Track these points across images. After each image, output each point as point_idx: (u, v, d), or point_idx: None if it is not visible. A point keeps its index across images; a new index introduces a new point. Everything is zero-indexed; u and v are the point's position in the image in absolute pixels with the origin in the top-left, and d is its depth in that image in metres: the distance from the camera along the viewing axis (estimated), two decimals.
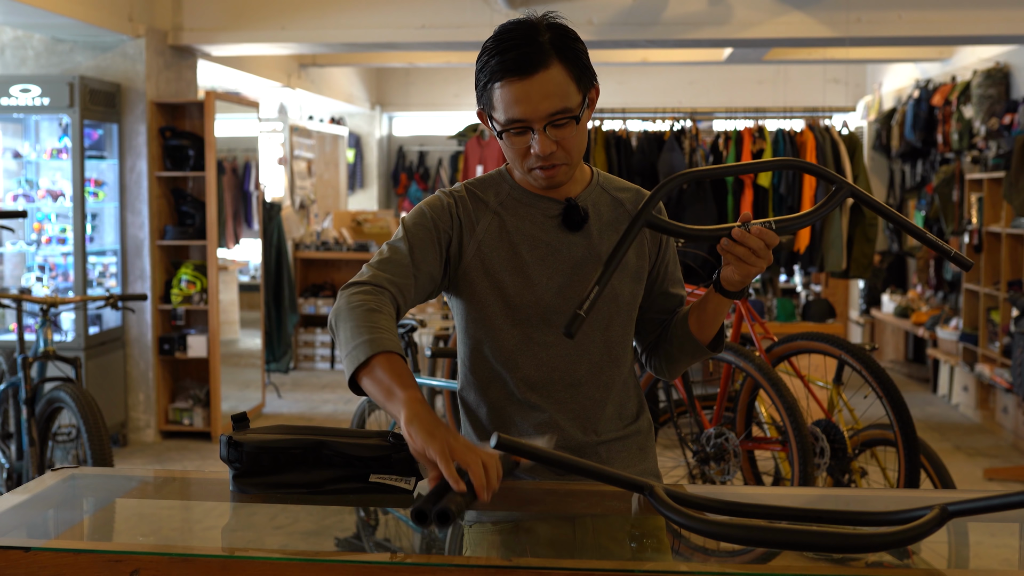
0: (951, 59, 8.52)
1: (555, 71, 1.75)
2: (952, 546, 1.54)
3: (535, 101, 1.74)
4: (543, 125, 1.76)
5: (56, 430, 4.53)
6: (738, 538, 1.38)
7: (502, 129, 1.78)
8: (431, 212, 1.88)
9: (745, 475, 4.01)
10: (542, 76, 1.74)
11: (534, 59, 1.73)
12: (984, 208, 7.14)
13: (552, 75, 1.74)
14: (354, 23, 6.67)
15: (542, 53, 1.74)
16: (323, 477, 1.69)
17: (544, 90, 1.74)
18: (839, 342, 3.72)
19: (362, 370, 1.65)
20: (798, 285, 8.54)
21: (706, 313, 1.89)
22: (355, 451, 1.68)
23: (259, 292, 7.83)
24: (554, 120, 1.76)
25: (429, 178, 12.31)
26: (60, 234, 6.28)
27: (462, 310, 1.93)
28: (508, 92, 1.74)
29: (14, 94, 6.11)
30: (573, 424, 1.90)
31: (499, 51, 1.75)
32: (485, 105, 1.82)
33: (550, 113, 1.75)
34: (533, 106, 1.74)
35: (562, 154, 1.80)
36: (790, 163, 1.79)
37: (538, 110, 1.74)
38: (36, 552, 1.38)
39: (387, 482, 1.68)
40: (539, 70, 1.73)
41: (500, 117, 1.78)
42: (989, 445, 6.59)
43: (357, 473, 1.69)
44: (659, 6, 6.42)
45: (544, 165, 1.80)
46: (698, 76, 11.16)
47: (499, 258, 1.88)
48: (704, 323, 1.90)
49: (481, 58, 1.79)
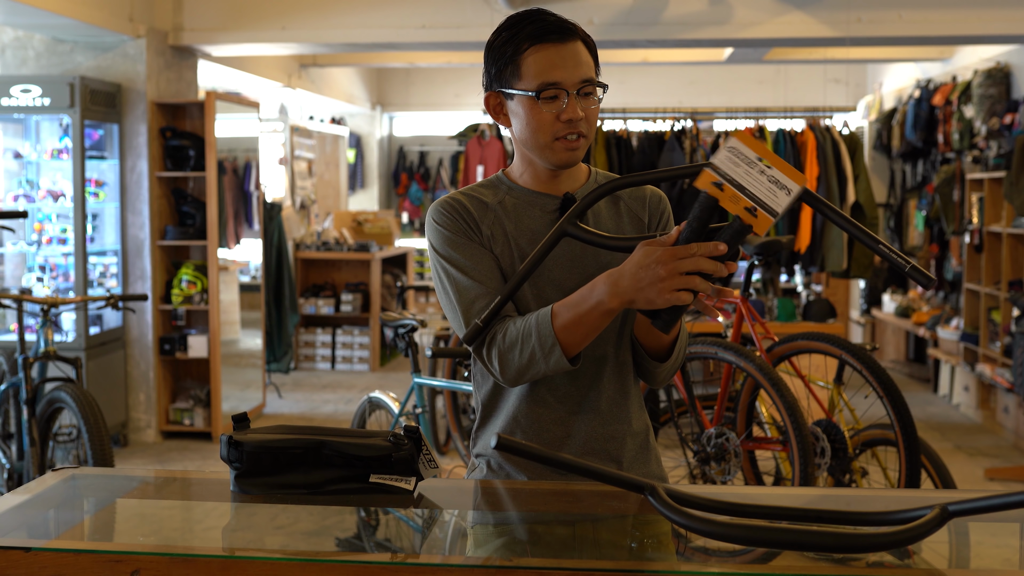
0: (952, 59, 8.52)
1: (582, 46, 1.86)
2: (953, 546, 1.54)
3: (571, 66, 1.82)
4: (576, 89, 1.82)
5: (57, 430, 4.53)
6: (739, 538, 1.38)
7: (536, 92, 1.82)
8: (451, 223, 1.88)
9: (746, 475, 4.01)
10: (574, 45, 1.84)
11: (566, 30, 1.83)
12: (985, 208, 7.14)
13: (581, 47, 1.85)
14: (354, 23, 6.67)
15: (571, 28, 1.84)
16: (324, 477, 1.69)
17: (577, 57, 1.83)
18: (840, 342, 3.72)
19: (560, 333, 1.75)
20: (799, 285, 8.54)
21: (640, 324, 1.90)
22: (356, 451, 1.68)
23: (260, 292, 7.83)
24: (584, 87, 1.83)
25: (430, 178, 12.31)
26: (61, 234, 6.29)
27: None
28: (544, 56, 1.82)
29: (15, 94, 6.11)
30: (578, 418, 1.91)
31: (530, 21, 1.84)
32: (506, 81, 1.85)
33: (583, 79, 1.83)
34: (570, 71, 1.82)
35: (585, 125, 1.85)
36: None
37: (574, 74, 1.82)
38: (37, 552, 1.38)
39: (387, 482, 1.68)
40: (570, 39, 1.83)
41: (531, 84, 1.82)
42: (990, 445, 6.59)
43: (358, 473, 1.69)
44: (659, 6, 6.42)
45: (571, 133, 1.84)
46: (698, 76, 11.16)
47: (502, 256, 1.89)
48: (642, 329, 1.90)
49: (499, 39, 1.86)
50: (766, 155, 1.55)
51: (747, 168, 1.55)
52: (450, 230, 1.88)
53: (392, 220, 10.50)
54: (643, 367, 1.95)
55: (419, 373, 4.05)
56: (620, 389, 1.94)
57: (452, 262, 1.86)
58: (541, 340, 1.76)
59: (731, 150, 1.56)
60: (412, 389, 4.07)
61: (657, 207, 1.98)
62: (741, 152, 1.56)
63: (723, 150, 1.57)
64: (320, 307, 9.27)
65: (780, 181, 1.55)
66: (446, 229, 1.88)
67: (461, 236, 1.87)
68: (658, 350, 1.90)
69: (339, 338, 9.24)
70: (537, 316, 1.77)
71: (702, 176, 1.57)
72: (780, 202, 1.54)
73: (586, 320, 1.73)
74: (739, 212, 1.56)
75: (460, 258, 1.86)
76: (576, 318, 1.74)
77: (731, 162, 1.56)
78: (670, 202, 2.03)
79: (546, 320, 1.76)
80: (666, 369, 1.93)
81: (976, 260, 7.45)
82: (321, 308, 9.28)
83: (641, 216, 1.96)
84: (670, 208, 2.00)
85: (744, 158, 1.56)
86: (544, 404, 1.91)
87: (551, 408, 1.91)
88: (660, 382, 1.98)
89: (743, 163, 1.55)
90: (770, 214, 1.55)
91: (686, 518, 1.40)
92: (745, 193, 1.55)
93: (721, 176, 1.56)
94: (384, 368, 9.43)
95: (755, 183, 1.55)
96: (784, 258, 7.03)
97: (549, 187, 1.93)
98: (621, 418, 1.94)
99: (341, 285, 9.52)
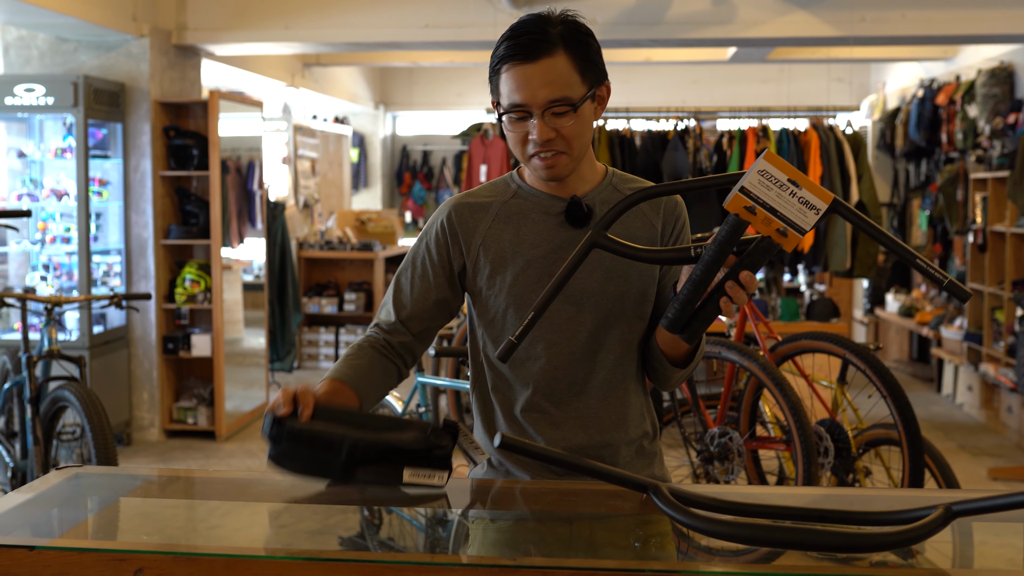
0: (955, 58, 8.51)
1: (559, 60, 1.78)
2: (956, 546, 1.53)
3: (535, 87, 1.77)
4: (542, 111, 1.78)
5: (60, 429, 4.53)
6: (742, 538, 1.38)
7: (503, 113, 1.82)
8: (427, 242, 1.96)
9: (749, 475, 4.01)
10: (545, 63, 1.78)
11: (539, 46, 1.77)
12: (988, 207, 7.13)
13: (555, 63, 1.78)
14: (358, 22, 6.67)
15: (548, 41, 1.78)
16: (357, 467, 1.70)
17: (545, 77, 1.77)
18: (843, 341, 3.72)
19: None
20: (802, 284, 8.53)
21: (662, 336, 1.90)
22: (393, 445, 1.69)
23: (263, 291, 7.83)
24: (552, 108, 1.78)
25: (433, 177, 12.31)
26: (64, 233, 6.29)
27: (470, 309, 1.96)
28: (511, 77, 1.79)
29: (18, 93, 6.12)
30: (577, 423, 1.90)
31: (509, 38, 1.81)
32: (493, 91, 1.86)
33: (549, 100, 1.78)
34: (532, 91, 1.78)
35: (561, 142, 1.81)
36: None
37: (537, 96, 1.78)
38: (41, 551, 1.38)
39: (419, 481, 1.69)
40: (542, 57, 1.77)
41: (504, 102, 1.82)
42: (993, 445, 6.58)
43: (394, 466, 1.70)
44: (663, 5, 6.42)
45: (543, 152, 1.81)
46: (702, 75, 11.15)
47: (501, 258, 1.89)
48: (665, 340, 1.90)
49: (496, 45, 1.85)
50: (794, 175, 1.57)
51: (779, 191, 1.57)
52: (433, 240, 1.94)
53: (395, 219, 10.50)
54: (659, 372, 1.94)
55: (422, 372, 4.05)
56: (622, 398, 1.93)
57: (412, 262, 1.97)
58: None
59: (763, 173, 1.57)
60: (415, 388, 4.08)
61: (672, 213, 1.95)
62: (772, 175, 1.57)
63: (754, 173, 1.57)
64: (323, 306, 9.28)
65: (810, 202, 1.57)
66: (432, 237, 1.95)
67: (433, 253, 1.94)
68: (678, 357, 1.89)
69: (342, 337, 9.25)
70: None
71: (734, 200, 1.58)
72: (809, 221, 1.57)
73: None
74: (771, 234, 1.58)
75: (417, 267, 1.96)
76: None
77: (763, 185, 1.57)
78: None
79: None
80: (682, 374, 1.93)
81: (980, 260, 7.44)
82: (324, 307, 9.28)
83: (654, 222, 1.93)
84: (686, 214, 1.97)
85: (775, 180, 1.57)
86: (538, 409, 1.91)
87: (545, 413, 1.91)
88: (672, 385, 1.98)
89: (775, 186, 1.57)
90: (799, 232, 1.58)
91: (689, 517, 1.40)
92: (777, 215, 1.57)
93: (753, 200, 1.57)
94: None
95: (786, 204, 1.57)
96: (788, 258, 7.03)
97: (557, 189, 1.91)
98: (617, 426, 1.93)
99: (344, 284, 9.52)
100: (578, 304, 1.89)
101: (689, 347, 1.87)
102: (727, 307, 1.65)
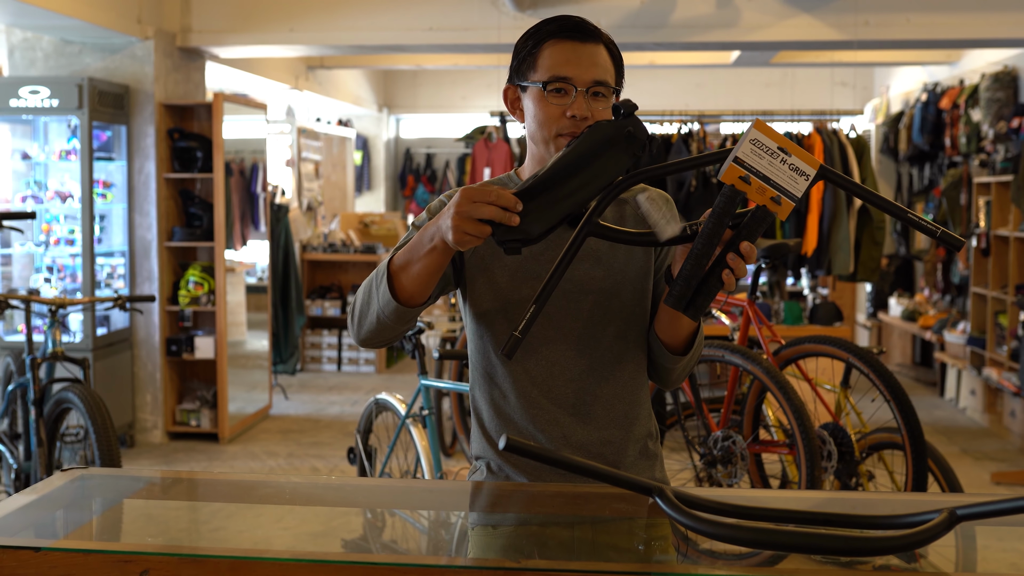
0: (959, 62, 8.51)
1: (603, 51, 1.87)
2: (960, 550, 1.53)
3: (585, 65, 1.83)
4: (586, 88, 1.83)
5: (64, 431, 4.54)
6: (745, 541, 1.38)
7: (544, 83, 1.83)
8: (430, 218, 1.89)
9: (752, 478, 4.00)
10: (594, 47, 1.86)
11: (588, 31, 1.86)
12: (992, 211, 7.13)
13: (601, 51, 1.87)
14: (362, 25, 6.68)
15: (595, 33, 1.87)
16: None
17: (594, 59, 1.85)
18: (846, 345, 3.72)
19: (394, 276, 1.75)
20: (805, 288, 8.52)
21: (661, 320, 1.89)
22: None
23: (266, 294, 7.84)
24: (595, 88, 1.84)
25: (436, 180, 12.31)
26: (68, 235, 6.30)
27: (467, 309, 1.95)
28: (560, 51, 1.84)
29: (23, 95, 6.13)
30: (573, 419, 1.90)
31: (556, 20, 1.87)
32: (523, 73, 1.88)
33: (595, 79, 1.83)
34: (583, 68, 1.83)
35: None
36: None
37: (586, 73, 1.83)
38: (46, 552, 1.39)
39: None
40: (593, 40, 1.86)
41: (542, 76, 1.84)
42: (996, 449, 6.58)
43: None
44: (667, 9, 6.42)
45: (574, 132, 1.83)
46: (706, 79, 11.16)
47: (497, 256, 1.89)
48: (664, 324, 1.89)
49: (529, 31, 1.89)
50: (783, 142, 1.60)
51: (770, 159, 1.60)
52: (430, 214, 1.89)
53: (399, 222, 10.51)
54: (660, 365, 1.93)
55: (426, 375, 4.06)
56: (621, 395, 1.92)
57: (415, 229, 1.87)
58: (378, 276, 1.79)
59: (754, 142, 1.59)
60: (419, 391, 4.08)
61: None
62: (763, 143, 1.60)
63: (746, 142, 1.59)
64: (326, 308, 9.29)
65: (799, 167, 1.60)
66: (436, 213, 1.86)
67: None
68: (677, 344, 1.88)
69: (345, 339, 9.25)
70: (377, 274, 1.80)
71: (728, 171, 1.60)
72: (800, 187, 1.60)
73: (416, 256, 1.72)
74: (765, 202, 1.61)
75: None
76: (408, 255, 1.74)
77: (755, 154, 1.60)
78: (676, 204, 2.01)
79: (387, 261, 1.79)
80: (684, 364, 1.91)
81: (983, 264, 7.44)
82: (327, 310, 9.29)
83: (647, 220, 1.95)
84: (675, 210, 1.97)
85: (766, 149, 1.60)
86: (539, 407, 1.90)
87: (546, 411, 1.90)
88: (675, 380, 1.96)
89: (766, 154, 1.60)
90: (792, 200, 1.60)
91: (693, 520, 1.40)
92: (770, 183, 1.60)
93: (747, 170, 1.60)
94: (390, 370, 9.44)
95: (778, 172, 1.60)
96: (791, 261, 7.02)
97: None
98: (620, 424, 1.92)
99: (347, 287, 9.53)
100: (574, 299, 1.88)
101: (688, 332, 1.87)
102: (729, 279, 1.67)
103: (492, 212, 1.58)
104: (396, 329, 1.81)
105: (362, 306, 1.83)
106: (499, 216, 1.58)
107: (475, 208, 1.58)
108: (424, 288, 1.75)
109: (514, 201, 1.59)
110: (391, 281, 1.76)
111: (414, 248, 1.71)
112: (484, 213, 1.58)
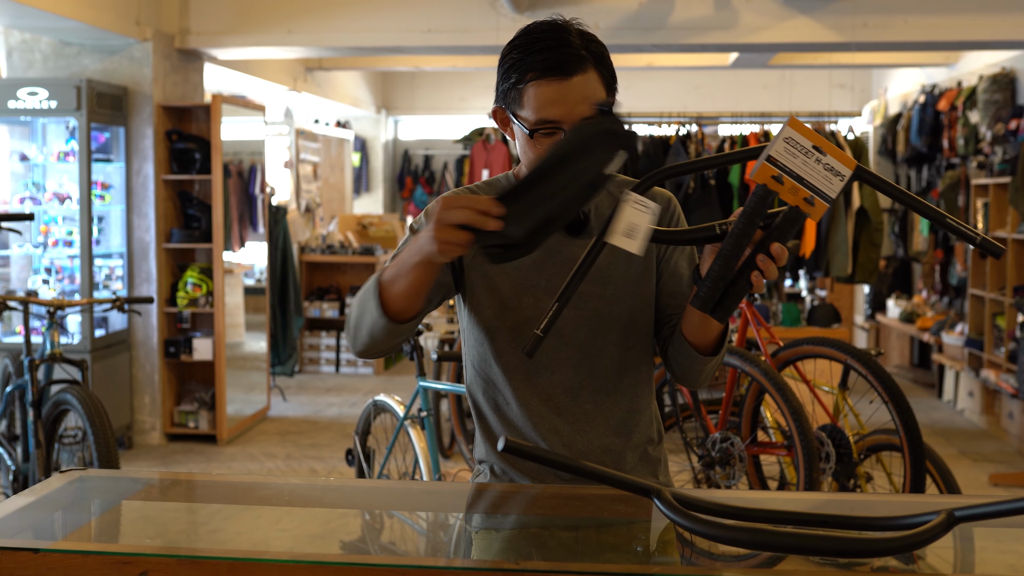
0: (957, 64, 8.52)
1: (591, 76, 1.76)
2: (958, 552, 1.54)
3: (571, 104, 1.74)
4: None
5: (62, 432, 4.53)
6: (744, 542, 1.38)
7: (532, 129, 1.77)
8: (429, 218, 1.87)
9: (750, 480, 4.01)
10: (579, 79, 1.74)
11: (573, 62, 1.74)
12: (990, 213, 7.13)
13: (588, 79, 1.75)
14: (360, 27, 6.69)
15: (580, 57, 1.75)
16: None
17: (580, 93, 1.74)
18: (845, 347, 3.72)
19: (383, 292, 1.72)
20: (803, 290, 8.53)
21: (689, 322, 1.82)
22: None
23: (265, 295, 7.84)
24: None
25: (434, 182, 12.31)
26: (67, 237, 6.30)
27: (465, 312, 1.93)
28: (544, 92, 1.74)
29: (21, 97, 6.13)
30: (573, 428, 1.89)
31: (535, 50, 1.75)
32: (510, 103, 1.80)
33: (584, 117, 1.73)
34: (569, 108, 1.74)
35: None
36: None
37: (573, 113, 1.74)
38: (45, 553, 1.39)
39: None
40: (577, 73, 1.74)
41: (530, 117, 1.77)
42: (994, 450, 6.58)
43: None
44: (665, 10, 6.43)
45: None
46: (704, 81, 11.16)
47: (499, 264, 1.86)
48: (692, 327, 1.81)
49: (509, 56, 1.79)
50: (818, 141, 1.53)
51: (804, 158, 1.53)
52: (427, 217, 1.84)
53: (397, 224, 10.51)
54: (687, 367, 1.86)
55: (424, 376, 4.06)
56: (622, 403, 1.91)
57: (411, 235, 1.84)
58: (368, 292, 1.75)
59: (788, 140, 1.53)
60: (417, 392, 4.08)
61: (667, 210, 1.92)
62: (797, 142, 1.54)
63: (780, 141, 1.53)
64: (325, 310, 9.28)
65: (834, 167, 1.53)
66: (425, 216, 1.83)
67: None
68: (707, 345, 1.82)
69: (343, 341, 9.25)
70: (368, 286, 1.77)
71: (761, 170, 1.54)
72: (835, 188, 1.54)
73: (402, 272, 1.68)
74: (798, 203, 1.55)
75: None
76: (396, 270, 1.70)
77: (789, 153, 1.53)
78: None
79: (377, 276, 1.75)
80: (712, 365, 1.85)
81: (981, 266, 7.44)
82: (326, 311, 9.28)
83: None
84: (680, 209, 1.95)
85: (801, 148, 1.53)
86: (539, 416, 1.89)
87: (546, 420, 1.89)
88: (703, 381, 1.90)
89: (800, 153, 1.53)
90: (826, 201, 1.54)
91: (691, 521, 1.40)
92: (804, 184, 1.53)
93: (780, 169, 1.54)
94: (389, 371, 9.44)
95: (812, 172, 1.53)
96: (789, 263, 7.03)
97: None
98: (620, 431, 1.91)
99: (346, 288, 9.53)
100: (574, 308, 1.86)
101: (717, 333, 1.81)
102: (758, 281, 1.60)
103: (467, 216, 1.52)
104: (391, 342, 1.79)
105: (356, 320, 1.80)
106: (475, 219, 1.52)
107: (451, 214, 1.53)
108: (412, 303, 1.72)
109: (490, 204, 1.53)
110: (383, 296, 1.73)
111: (402, 263, 1.68)
112: (460, 218, 1.52)
